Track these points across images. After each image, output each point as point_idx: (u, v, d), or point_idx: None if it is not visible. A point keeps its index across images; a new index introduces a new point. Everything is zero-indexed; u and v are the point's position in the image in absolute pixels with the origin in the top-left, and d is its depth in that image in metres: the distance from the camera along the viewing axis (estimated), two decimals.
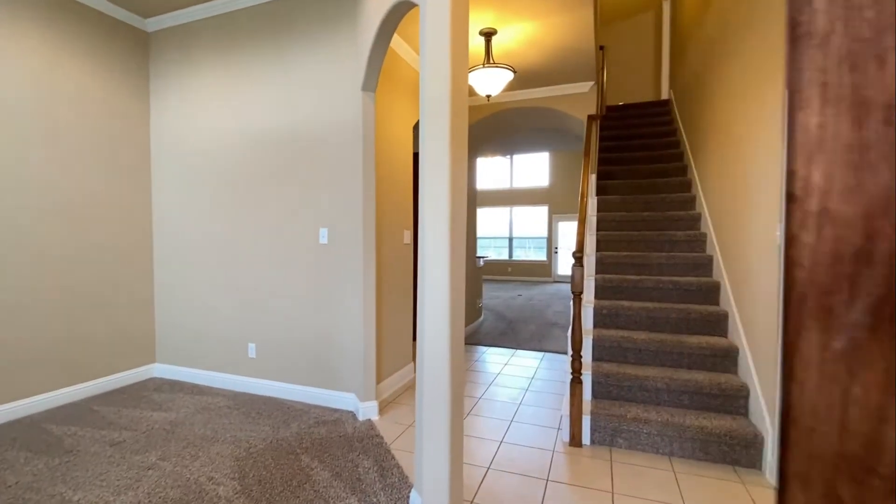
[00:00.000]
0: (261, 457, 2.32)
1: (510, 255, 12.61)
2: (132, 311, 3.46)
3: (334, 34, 2.95)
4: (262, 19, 3.14)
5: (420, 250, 1.78)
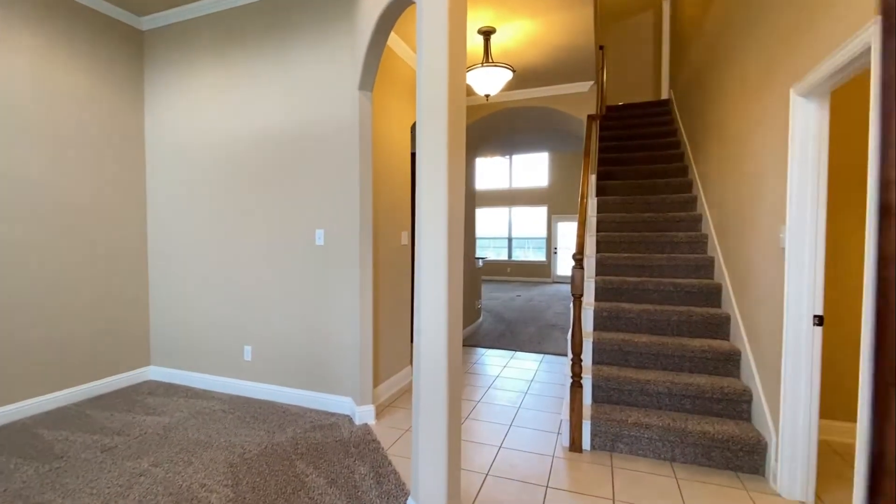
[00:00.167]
0: (255, 463, 2.28)
1: (509, 256, 12.58)
2: (126, 313, 3.41)
3: (331, 32, 2.90)
4: (257, 17, 3.10)
5: (417, 251, 1.74)
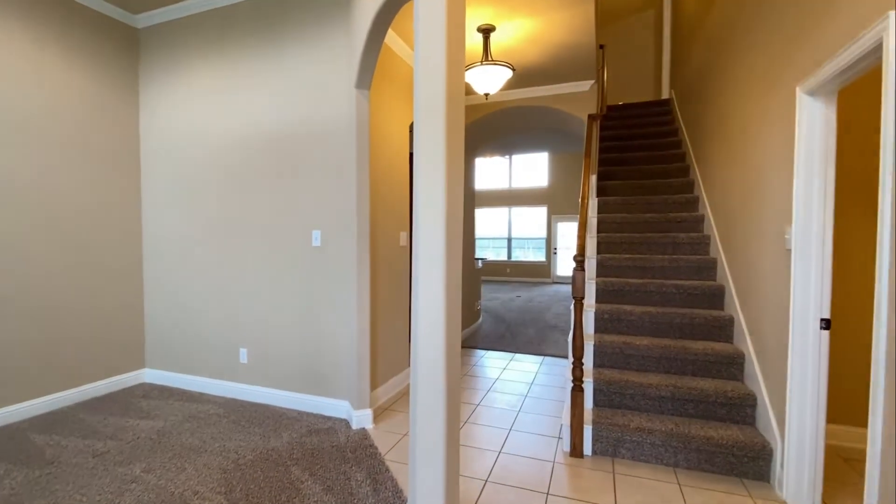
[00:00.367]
0: (249, 469, 2.23)
1: (509, 256, 12.53)
2: (121, 315, 3.36)
3: (327, 29, 2.86)
4: (253, 14, 3.05)
5: (414, 252, 1.69)
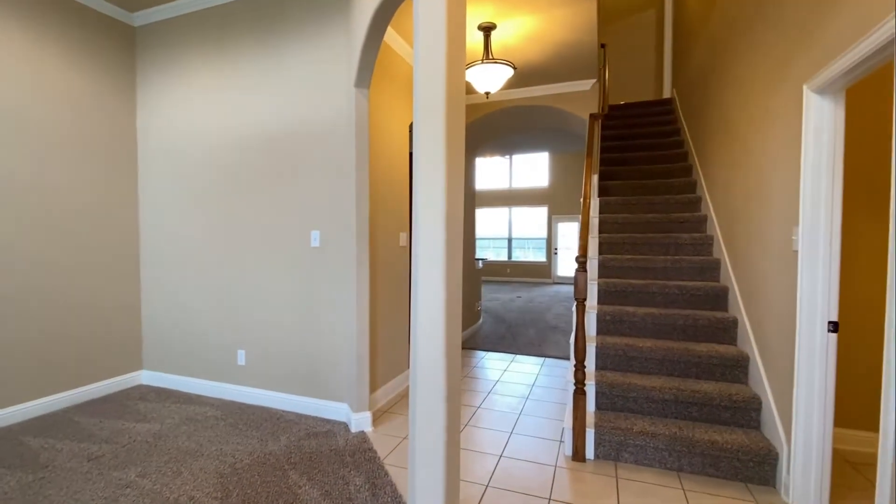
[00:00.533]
0: (246, 473, 2.19)
1: (509, 256, 12.49)
2: (118, 316, 3.32)
3: (326, 27, 2.82)
4: (252, 13, 3.02)
5: (414, 252, 1.65)
